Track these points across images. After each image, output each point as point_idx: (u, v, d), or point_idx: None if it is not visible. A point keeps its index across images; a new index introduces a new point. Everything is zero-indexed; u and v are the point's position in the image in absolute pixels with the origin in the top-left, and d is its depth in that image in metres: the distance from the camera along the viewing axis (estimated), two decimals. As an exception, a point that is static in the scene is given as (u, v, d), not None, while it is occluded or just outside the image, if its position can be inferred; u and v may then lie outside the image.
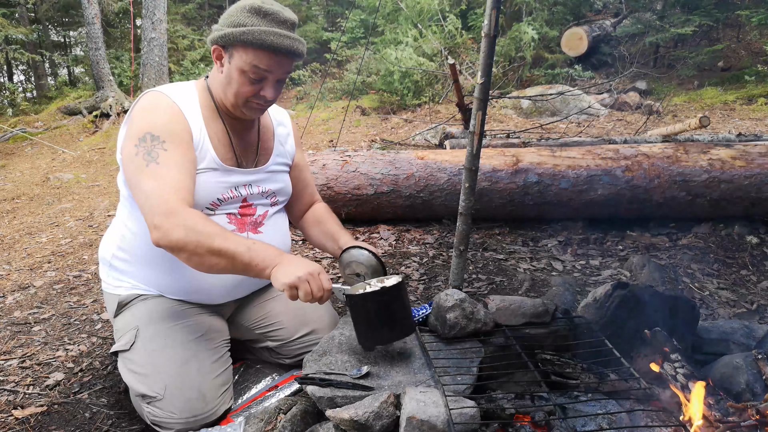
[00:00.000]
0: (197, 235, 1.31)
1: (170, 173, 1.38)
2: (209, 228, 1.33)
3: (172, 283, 1.59)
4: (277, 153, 1.71)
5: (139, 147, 1.40)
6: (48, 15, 11.78)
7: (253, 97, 1.48)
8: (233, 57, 1.45)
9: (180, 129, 1.45)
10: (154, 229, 1.33)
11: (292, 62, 1.48)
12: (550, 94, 6.53)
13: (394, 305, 1.42)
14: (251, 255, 1.33)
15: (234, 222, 1.59)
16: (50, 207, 4.40)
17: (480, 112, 1.85)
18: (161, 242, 1.33)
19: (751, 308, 2.22)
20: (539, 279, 2.53)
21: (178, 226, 1.31)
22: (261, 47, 1.40)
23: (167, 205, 1.33)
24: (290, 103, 8.95)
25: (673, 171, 2.92)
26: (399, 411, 1.24)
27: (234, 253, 1.32)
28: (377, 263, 1.58)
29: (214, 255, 1.32)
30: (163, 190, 1.36)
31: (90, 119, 7.94)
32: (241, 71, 1.44)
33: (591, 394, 1.36)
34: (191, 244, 1.31)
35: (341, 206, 3.13)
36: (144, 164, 1.38)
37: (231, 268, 1.36)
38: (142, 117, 1.45)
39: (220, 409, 1.51)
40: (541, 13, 8.60)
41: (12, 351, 2.05)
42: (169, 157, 1.40)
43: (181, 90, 1.53)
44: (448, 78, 7.12)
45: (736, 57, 8.69)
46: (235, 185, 1.58)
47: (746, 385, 1.35)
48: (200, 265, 1.36)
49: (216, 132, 1.55)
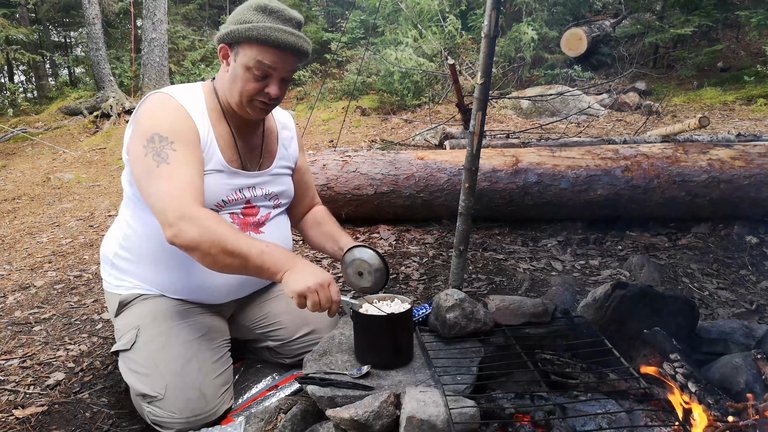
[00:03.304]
0: (211, 235, 1.31)
1: (182, 172, 1.39)
2: (223, 228, 1.33)
3: (175, 282, 1.59)
4: (280, 156, 1.72)
5: (147, 148, 1.40)
6: (49, 15, 11.79)
7: (257, 95, 1.49)
8: (239, 54, 1.46)
9: (187, 129, 1.46)
10: (168, 227, 1.33)
11: (296, 60, 1.49)
12: (550, 95, 6.54)
13: (399, 332, 1.44)
14: (263, 258, 1.34)
15: (237, 222, 1.60)
16: (51, 207, 4.41)
17: (480, 112, 1.85)
18: (175, 241, 1.33)
19: (751, 308, 2.22)
20: (539, 279, 2.54)
21: (193, 226, 1.31)
22: (265, 43, 1.41)
23: (181, 205, 1.33)
24: (290, 103, 8.95)
25: (672, 171, 2.92)
26: (399, 410, 1.24)
27: (248, 255, 1.33)
28: (380, 261, 1.58)
29: (227, 256, 1.32)
30: (176, 189, 1.36)
31: (90, 119, 7.95)
32: (246, 68, 1.45)
33: (591, 394, 1.36)
34: (205, 244, 1.31)
35: (341, 206, 3.14)
36: (155, 165, 1.38)
37: (244, 269, 1.37)
38: (149, 118, 1.45)
39: (221, 408, 1.52)
40: (540, 13, 8.61)
41: (13, 351, 2.06)
42: (178, 156, 1.40)
43: (187, 92, 1.54)
44: (448, 78, 7.12)
45: (735, 57, 8.69)
46: (240, 188, 1.59)
47: (746, 385, 1.35)
48: (213, 265, 1.37)
49: (222, 134, 1.55)
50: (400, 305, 1.51)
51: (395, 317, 1.42)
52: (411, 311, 1.47)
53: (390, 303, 1.53)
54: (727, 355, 1.49)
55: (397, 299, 1.54)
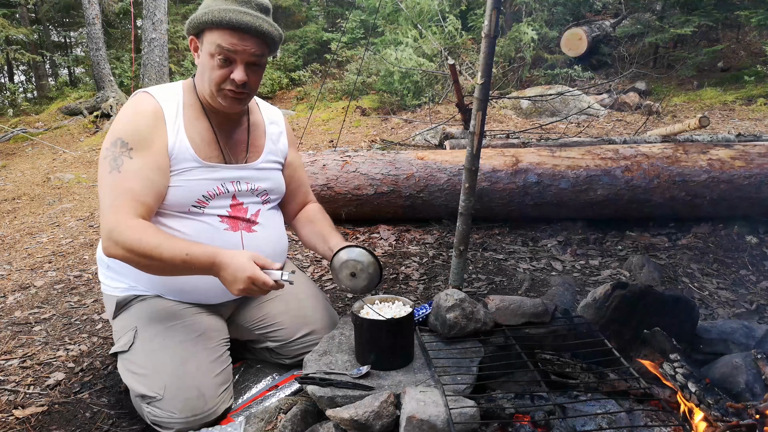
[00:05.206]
0: (137, 249, 1.38)
1: (128, 183, 1.43)
2: (146, 243, 1.38)
3: (169, 283, 1.59)
4: (268, 151, 1.71)
5: (109, 151, 1.46)
6: (49, 15, 11.80)
7: (224, 83, 1.48)
8: (203, 43, 1.48)
9: (152, 135, 1.48)
10: (102, 240, 1.43)
11: (260, 43, 1.46)
12: (550, 95, 6.54)
13: (400, 336, 1.44)
14: (188, 265, 1.41)
15: (226, 222, 1.59)
16: (51, 207, 4.41)
17: (480, 112, 1.85)
18: (107, 255, 1.44)
19: (751, 308, 2.22)
20: (539, 279, 2.54)
21: (118, 243, 1.39)
22: (220, 25, 1.42)
23: (114, 220, 1.40)
24: (290, 103, 8.96)
25: (672, 171, 2.92)
26: (399, 410, 1.24)
27: (173, 264, 1.40)
28: (370, 257, 1.55)
29: (157, 265, 1.41)
30: (114, 201, 1.42)
31: (90, 119, 7.95)
32: (210, 55, 1.46)
33: (591, 394, 1.36)
34: (131, 260, 1.41)
35: (341, 206, 3.14)
36: (108, 170, 1.45)
37: (180, 274, 1.47)
38: (120, 120, 1.51)
39: (220, 408, 1.51)
40: (540, 13, 8.61)
41: (13, 351, 2.06)
42: (132, 165, 1.44)
43: (167, 90, 1.56)
44: (448, 78, 7.12)
45: (735, 57, 8.69)
46: (222, 181, 1.58)
47: (746, 385, 1.35)
48: (150, 272, 1.48)
49: (200, 131, 1.56)
50: (401, 308, 1.51)
51: (396, 322, 1.42)
52: (412, 315, 1.46)
53: (391, 305, 1.52)
54: (727, 355, 1.49)
55: (398, 301, 1.54)
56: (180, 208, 1.53)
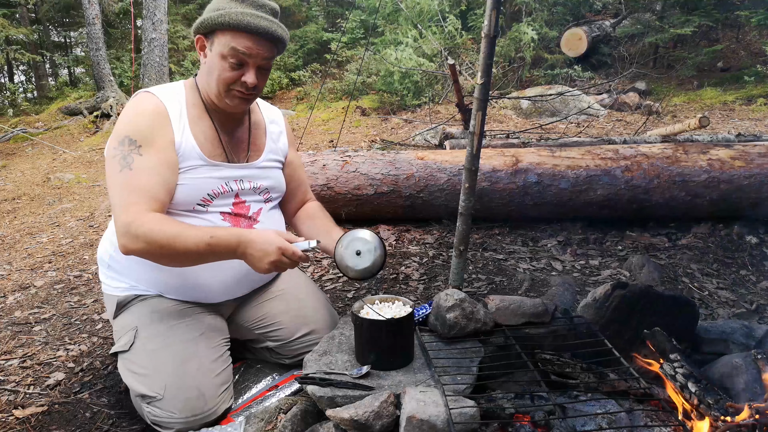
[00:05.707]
0: (158, 241, 1.37)
1: (141, 180, 1.43)
2: (167, 232, 1.38)
3: (170, 282, 1.60)
4: (269, 150, 1.72)
5: (117, 150, 1.45)
6: (49, 15, 11.79)
7: (234, 84, 1.49)
8: (214, 44, 1.47)
9: (159, 132, 1.48)
10: (119, 238, 1.41)
11: (272, 47, 1.49)
12: (550, 95, 6.54)
13: (400, 336, 1.44)
14: (213, 249, 1.40)
15: (228, 220, 1.60)
16: (51, 207, 4.41)
17: (480, 112, 1.85)
18: (126, 252, 1.41)
19: (751, 308, 2.22)
20: (539, 279, 2.54)
21: (138, 237, 1.37)
22: (237, 28, 1.42)
23: (129, 215, 1.39)
24: (290, 103, 8.96)
25: (672, 171, 2.92)
26: (399, 410, 1.24)
27: (197, 251, 1.39)
28: (379, 241, 1.50)
29: (178, 256, 1.41)
30: (128, 198, 1.41)
31: (91, 119, 7.95)
32: (222, 56, 1.46)
33: (591, 394, 1.36)
34: (154, 252, 1.40)
35: (341, 206, 3.14)
36: (118, 169, 1.44)
37: (202, 261, 1.46)
38: (125, 119, 1.50)
39: (220, 408, 1.52)
40: (540, 13, 8.60)
41: (13, 351, 2.06)
42: (143, 162, 1.44)
43: (169, 90, 1.56)
44: (448, 78, 7.12)
45: (735, 57, 8.69)
46: (226, 180, 1.59)
47: (746, 385, 1.35)
48: (171, 265, 1.47)
49: (203, 129, 1.56)
50: (401, 308, 1.51)
51: (396, 322, 1.42)
52: (412, 315, 1.46)
53: (391, 305, 1.52)
54: (727, 355, 1.49)
55: (398, 301, 1.54)
56: (185, 207, 1.54)
